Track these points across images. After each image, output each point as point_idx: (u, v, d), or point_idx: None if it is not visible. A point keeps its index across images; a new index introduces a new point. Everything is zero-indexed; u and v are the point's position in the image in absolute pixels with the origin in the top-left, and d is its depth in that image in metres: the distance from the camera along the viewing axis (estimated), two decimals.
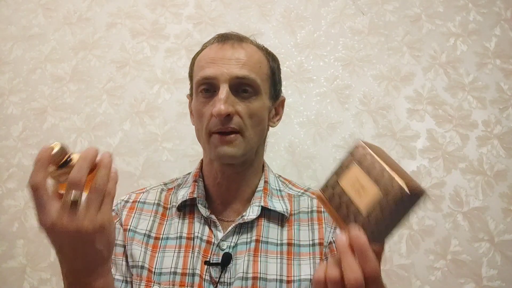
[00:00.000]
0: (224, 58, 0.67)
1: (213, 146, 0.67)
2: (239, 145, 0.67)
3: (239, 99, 0.67)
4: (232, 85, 0.66)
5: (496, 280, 1.14)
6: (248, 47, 0.71)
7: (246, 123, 0.67)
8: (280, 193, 0.77)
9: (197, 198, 0.73)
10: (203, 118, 0.68)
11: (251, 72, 0.68)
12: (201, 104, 0.69)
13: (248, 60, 0.68)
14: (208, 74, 0.67)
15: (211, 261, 0.67)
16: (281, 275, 0.67)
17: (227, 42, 0.70)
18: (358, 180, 0.46)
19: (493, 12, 1.33)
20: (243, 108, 0.67)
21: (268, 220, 0.72)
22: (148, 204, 0.76)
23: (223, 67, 0.66)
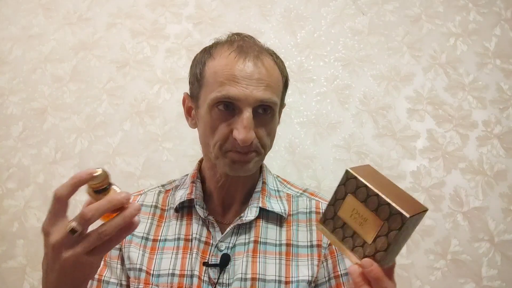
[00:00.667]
0: (246, 78, 0.63)
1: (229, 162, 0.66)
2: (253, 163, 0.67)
3: (258, 121, 0.65)
4: (255, 108, 0.65)
5: (496, 280, 1.15)
6: (268, 63, 0.67)
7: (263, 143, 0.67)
8: (278, 193, 0.77)
9: (195, 199, 0.72)
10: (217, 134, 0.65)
11: (273, 94, 0.66)
12: (216, 120, 0.65)
13: (270, 80, 0.65)
14: (232, 95, 0.63)
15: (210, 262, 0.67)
16: (279, 276, 0.67)
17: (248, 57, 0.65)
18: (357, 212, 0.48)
19: (493, 12, 1.33)
20: (262, 130, 0.66)
21: (267, 221, 0.72)
22: (146, 207, 0.76)
23: (247, 89, 0.63)
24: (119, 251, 0.72)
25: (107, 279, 0.70)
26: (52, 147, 1.36)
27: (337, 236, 0.50)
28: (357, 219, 0.48)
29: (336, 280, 0.69)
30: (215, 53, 0.68)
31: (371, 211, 0.46)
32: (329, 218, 0.51)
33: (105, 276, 0.71)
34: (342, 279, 0.69)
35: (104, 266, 0.71)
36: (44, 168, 1.35)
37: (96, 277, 0.70)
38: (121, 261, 0.72)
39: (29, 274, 1.27)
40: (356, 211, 0.48)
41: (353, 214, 0.48)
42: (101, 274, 0.71)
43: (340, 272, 0.70)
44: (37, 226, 1.29)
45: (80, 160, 1.34)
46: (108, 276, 0.71)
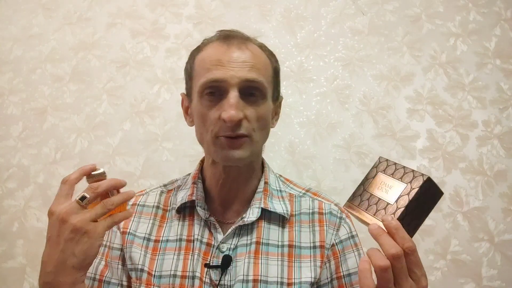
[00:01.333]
0: (231, 61, 0.64)
1: (219, 149, 0.66)
2: (246, 148, 0.66)
3: (247, 103, 0.65)
4: (241, 89, 0.64)
5: (496, 280, 1.15)
6: (253, 48, 0.69)
7: (254, 127, 0.66)
8: (280, 193, 0.76)
9: (196, 201, 0.72)
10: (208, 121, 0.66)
11: (259, 75, 0.66)
12: (205, 107, 0.66)
13: (256, 62, 0.66)
14: (217, 77, 0.64)
15: (211, 264, 0.67)
16: (281, 277, 0.67)
17: (232, 43, 0.67)
18: (385, 183, 0.56)
19: (493, 12, 1.33)
20: (251, 112, 0.65)
21: (269, 222, 0.72)
22: (148, 207, 0.76)
23: (232, 70, 0.64)
24: (120, 252, 0.72)
25: (108, 279, 0.70)
26: (52, 147, 1.36)
27: (362, 207, 0.56)
28: (383, 188, 0.55)
29: (339, 281, 0.69)
30: (203, 46, 0.71)
31: (397, 179, 0.54)
32: (357, 195, 0.59)
33: (106, 276, 0.70)
34: (344, 280, 0.69)
35: (105, 266, 0.71)
36: (44, 168, 1.35)
37: (97, 277, 0.70)
38: (122, 261, 0.71)
39: (29, 274, 1.27)
40: (383, 183, 0.56)
41: (380, 186, 0.56)
42: (102, 274, 0.70)
43: (343, 273, 0.69)
44: (37, 226, 1.30)
45: (80, 160, 1.34)
46: (109, 276, 0.70)
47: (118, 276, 0.71)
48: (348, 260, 0.70)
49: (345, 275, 0.69)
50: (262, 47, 0.73)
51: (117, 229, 0.74)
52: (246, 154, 0.66)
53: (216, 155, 0.67)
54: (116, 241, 0.73)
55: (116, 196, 0.57)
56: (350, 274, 0.69)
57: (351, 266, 0.70)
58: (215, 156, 0.68)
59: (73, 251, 0.53)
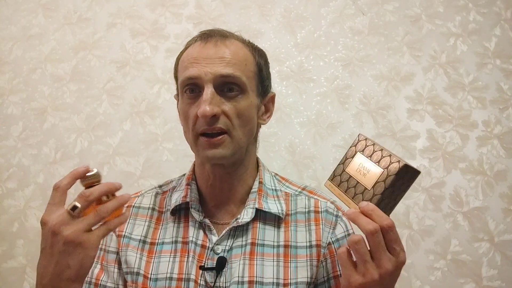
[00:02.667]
0: (207, 58, 0.65)
1: (201, 149, 0.66)
2: (227, 146, 0.65)
3: (225, 98, 0.65)
4: (217, 85, 0.64)
5: (496, 280, 1.14)
6: (233, 44, 0.68)
7: (233, 123, 0.65)
8: (275, 192, 0.75)
9: (190, 203, 0.71)
10: (189, 119, 0.66)
11: (236, 70, 0.65)
12: (186, 105, 0.67)
13: (232, 57, 0.66)
14: (192, 74, 0.64)
15: (206, 266, 0.66)
16: (277, 278, 0.66)
17: (210, 40, 0.68)
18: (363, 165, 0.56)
19: (493, 12, 1.33)
20: (230, 108, 0.64)
21: (264, 222, 0.71)
22: (143, 209, 0.75)
23: (207, 67, 0.64)
24: (116, 255, 0.71)
25: (104, 283, 0.70)
26: (52, 147, 1.36)
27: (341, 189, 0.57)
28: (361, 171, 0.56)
29: (335, 280, 0.68)
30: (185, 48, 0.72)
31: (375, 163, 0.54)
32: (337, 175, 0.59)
33: (102, 280, 0.70)
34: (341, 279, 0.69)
35: (101, 270, 0.71)
36: (44, 168, 1.35)
37: (93, 281, 0.70)
38: (118, 265, 0.71)
39: (29, 274, 1.27)
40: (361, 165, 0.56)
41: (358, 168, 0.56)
42: (98, 278, 0.70)
43: (339, 272, 0.68)
44: (37, 226, 1.29)
45: (80, 160, 1.34)
46: (105, 280, 0.70)
47: (114, 279, 0.70)
48: None
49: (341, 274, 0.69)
50: (245, 43, 0.72)
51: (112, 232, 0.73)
52: (228, 152, 0.65)
53: (198, 155, 0.68)
54: (111, 245, 0.72)
55: (111, 202, 0.55)
56: None
57: None
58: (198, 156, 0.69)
59: (68, 263, 0.51)
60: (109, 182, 0.56)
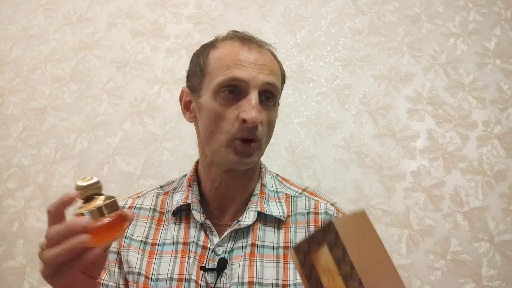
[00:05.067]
0: (253, 63, 0.64)
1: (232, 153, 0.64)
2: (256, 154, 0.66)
3: (262, 106, 0.65)
4: (260, 91, 0.64)
5: (496, 280, 1.14)
6: (267, 53, 0.70)
7: (266, 131, 0.66)
8: (277, 194, 0.75)
9: (191, 204, 0.71)
10: (224, 121, 0.64)
11: (277, 80, 0.67)
12: (221, 105, 0.64)
13: (272, 66, 0.67)
14: (239, 76, 0.63)
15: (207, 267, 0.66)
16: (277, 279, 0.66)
17: (251, 45, 0.67)
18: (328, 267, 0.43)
19: (493, 12, 1.33)
20: (265, 116, 0.65)
21: (264, 224, 0.71)
22: (144, 210, 0.75)
23: (254, 72, 0.63)
24: (117, 255, 0.72)
25: (106, 282, 0.70)
26: (52, 147, 1.36)
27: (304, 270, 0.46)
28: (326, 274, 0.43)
29: None
30: (218, 43, 0.70)
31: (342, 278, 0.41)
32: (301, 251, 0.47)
33: (104, 279, 0.71)
34: None
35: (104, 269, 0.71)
36: (44, 168, 1.35)
37: None
38: (119, 265, 0.71)
39: (29, 274, 1.27)
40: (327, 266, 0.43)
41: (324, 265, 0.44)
42: (100, 277, 0.71)
43: None
44: (37, 226, 1.30)
45: (80, 160, 1.34)
46: (107, 279, 0.71)
47: (116, 279, 0.71)
48: None
49: None
50: (273, 54, 0.73)
51: None
52: (255, 160, 0.67)
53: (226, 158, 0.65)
54: (113, 245, 0.72)
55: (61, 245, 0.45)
56: None
57: None
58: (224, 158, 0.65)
59: None
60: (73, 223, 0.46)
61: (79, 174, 1.32)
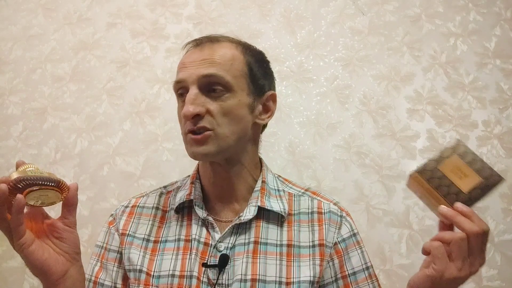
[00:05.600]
0: (193, 61, 0.69)
1: (188, 146, 0.69)
2: (211, 143, 0.67)
3: (210, 98, 0.67)
4: (201, 86, 0.67)
5: (496, 280, 1.14)
6: (221, 46, 0.71)
7: (218, 121, 0.67)
8: (278, 192, 0.76)
9: (194, 200, 0.72)
10: (181, 120, 0.70)
11: (219, 70, 0.67)
12: (179, 108, 0.71)
13: (216, 58, 0.68)
14: (179, 78, 0.69)
15: (208, 263, 0.67)
16: (280, 276, 0.67)
17: (197, 46, 0.72)
18: (460, 169, 0.58)
19: (493, 12, 1.33)
20: (215, 107, 0.66)
21: (267, 221, 0.72)
22: (147, 208, 0.76)
23: (191, 69, 0.68)
24: (117, 254, 0.72)
25: (102, 281, 0.71)
26: (52, 147, 1.36)
27: (431, 184, 0.58)
28: (458, 174, 0.58)
29: (344, 280, 0.69)
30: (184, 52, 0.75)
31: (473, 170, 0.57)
32: (428, 170, 0.59)
33: (100, 278, 0.71)
34: (349, 279, 0.69)
35: (100, 268, 0.72)
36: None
37: (93, 279, 0.71)
38: (118, 263, 0.72)
39: (29, 274, 1.27)
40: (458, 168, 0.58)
41: (454, 170, 0.58)
42: (97, 276, 0.71)
43: (347, 272, 0.69)
44: None
45: (80, 160, 1.34)
46: (103, 278, 0.71)
47: (112, 278, 0.71)
48: (352, 259, 0.70)
49: (350, 274, 0.69)
50: (237, 43, 0.74)
51: (115, 231, 0.74)
52: (212, 149, 0.67)
53: (187, 152, 0.70)
54: (113, 243, 0.73)
55: None
56: (355, 273, 0.69)
57: (356, 264, 0.70)
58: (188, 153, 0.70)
59: None
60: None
61: (79, 174, 1.32)
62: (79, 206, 1.32)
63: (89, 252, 1.23)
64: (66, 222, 0.60)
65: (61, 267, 0.58)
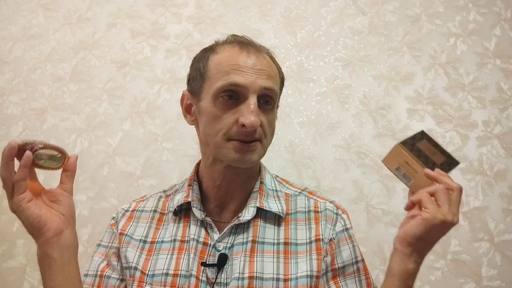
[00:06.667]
0: (251, 68, 0.66)
1: (232, 151, 0.66)
2: (257, 153, 0.68)
3: (261, 110, 0.68)
4: (260, 96, 0.67)
5: (496, 280, 1.14)
6: (267, 57, 0.72)
7: (266, 133, 0.69)
8: (276, 193, 0.77)
9: (191, 202, 0.73)
10: (221, 123, 0.66)
11: (275, 84, 0.69)
12: (220, 110, 0.67)
13: (271, 71, 0.69)
14: (238, 82, 0.65)
15: (207, 262, 0.68)
16: (277, 273, 0.68)
17: (250, 50, 0.69)
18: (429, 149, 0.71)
19: (493, 12, 1.33)
20: (264, 119, 0.68)
21: (265, 221, 0.73)
22: (146, 212, 0.78)
23: (252, 77, 0.66)
24: (118, 251, 0.74)
25: (109, 274, 0.73)
26: None
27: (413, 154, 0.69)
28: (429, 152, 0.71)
29: (333, 272, 0.71)
30: (218, 48, 0.72)
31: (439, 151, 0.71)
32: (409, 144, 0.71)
33: (107, 272, 0.73)
34: (338, 271, 0.71)
35: (107, 265, 0.74)
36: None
37: (99, 274, 0.73)
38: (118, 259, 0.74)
39: (29, 274, 1.27)
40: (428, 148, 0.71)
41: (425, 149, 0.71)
42: (103, 270, 0.73)
43: (337, 265, 0.71)
44: None
45: (80, 160, 1.33)
46: (110, 272, 0.73)
47: (119, 271, 0.73)
48: (342, 252, 0.71)
49: (339, 267, 0.71)
50: (271, 57, 0.75)
51: (116, 231, 0.76)
52: (257, 158, 0.69)
53: (226, 157, 0.67)
54: (115, 242, 0.75)
55: None
56: (344, 266, 0.71)
57: (346, 258, 0.71)
58: (225, 157, 0.68)
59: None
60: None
61: (79, 174, 1.32)
62: (79, 206, 1.33)
63: (89, 252, 1.23)
64: (63, 187, 0.63)
65: (56, 225, 0.60)
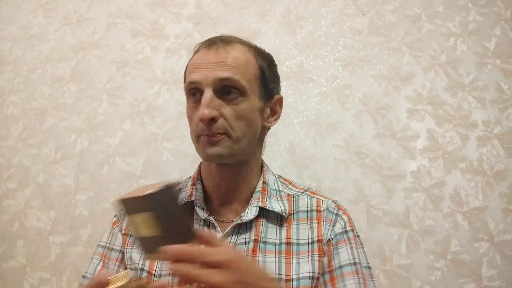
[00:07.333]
0: (208, 63, 0.68)
1: (201, 147, 0.69)
2: (225, 145, 0.67)
3: (224, 101, 0.67)
4: (216, 88, 0.67)
5: (496, 280, 1.15)
6: (234, 49, 0.71)
7: (232, 125, 0.67)
8: (279, 193, 0.77)
9: (195, 201, 0.73)
10: (193, 122, 0.69)
11: (235, 73, 0.68)
12: (191, 109, 0.71)
13: (232, 62, 0.69)
14: (193, 79, 0.68)
15: None
16: (279, 274, 0.67)
17: (212, 47, 0.71)
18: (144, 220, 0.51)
19: (493, 12, 1.33)
20: (229, 110, 0.67)
21: (267, 220, 0.73)
22: None
23: (207, 71, 0.67)
24: (119, 253, 0.74)
25: None
26: (52, 147, 1.36)
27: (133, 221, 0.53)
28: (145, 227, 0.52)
29: (330, 274, 0.70)
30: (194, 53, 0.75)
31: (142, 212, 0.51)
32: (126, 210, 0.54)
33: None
34: (335, 272, 0.70)
35: (102, 267, 0.73)
36: (44, 168, 1.34)
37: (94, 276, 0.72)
38: (120, 262, 0.73)
39: (29, 274, 1.27)
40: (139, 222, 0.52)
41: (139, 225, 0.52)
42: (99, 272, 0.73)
43: (334, 267, 0.70)
44: (37, 226, 1.30)
45: (80, 160, 1.34)
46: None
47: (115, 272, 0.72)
48: (340, 254, 0.71)
49: (336, 268, 0.70)
50: (249, 46, 0.74)
51: (118, 231, 0.75)
52: (224, 151, 0.67)
53: (199, 154, 0.70)
54: (116, 243, 0.75)
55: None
56: (341, 267, 0.70)
57: (343, 259, 0.70)
58: (199, 154, 0.71)
59: None
60: None
61: (79, 174, 1.32)
62: (79, 206, 1.33)
63: (89, 252, 1.23)
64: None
65: None
